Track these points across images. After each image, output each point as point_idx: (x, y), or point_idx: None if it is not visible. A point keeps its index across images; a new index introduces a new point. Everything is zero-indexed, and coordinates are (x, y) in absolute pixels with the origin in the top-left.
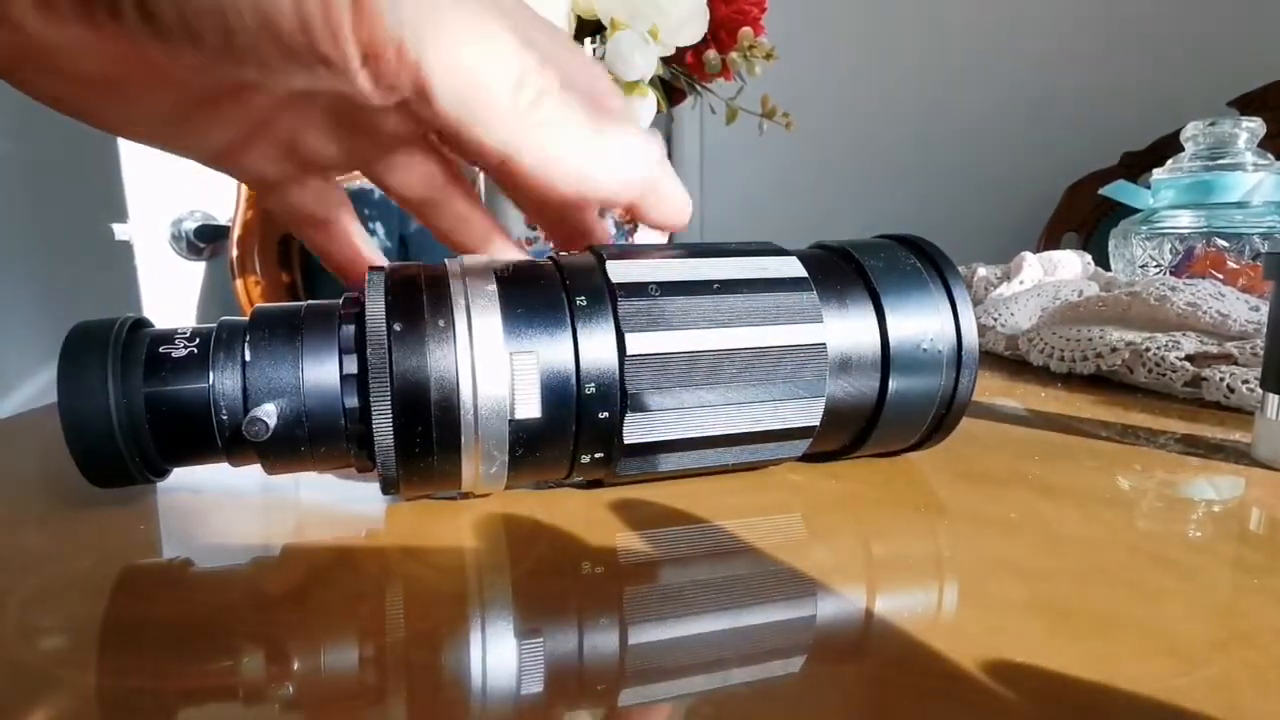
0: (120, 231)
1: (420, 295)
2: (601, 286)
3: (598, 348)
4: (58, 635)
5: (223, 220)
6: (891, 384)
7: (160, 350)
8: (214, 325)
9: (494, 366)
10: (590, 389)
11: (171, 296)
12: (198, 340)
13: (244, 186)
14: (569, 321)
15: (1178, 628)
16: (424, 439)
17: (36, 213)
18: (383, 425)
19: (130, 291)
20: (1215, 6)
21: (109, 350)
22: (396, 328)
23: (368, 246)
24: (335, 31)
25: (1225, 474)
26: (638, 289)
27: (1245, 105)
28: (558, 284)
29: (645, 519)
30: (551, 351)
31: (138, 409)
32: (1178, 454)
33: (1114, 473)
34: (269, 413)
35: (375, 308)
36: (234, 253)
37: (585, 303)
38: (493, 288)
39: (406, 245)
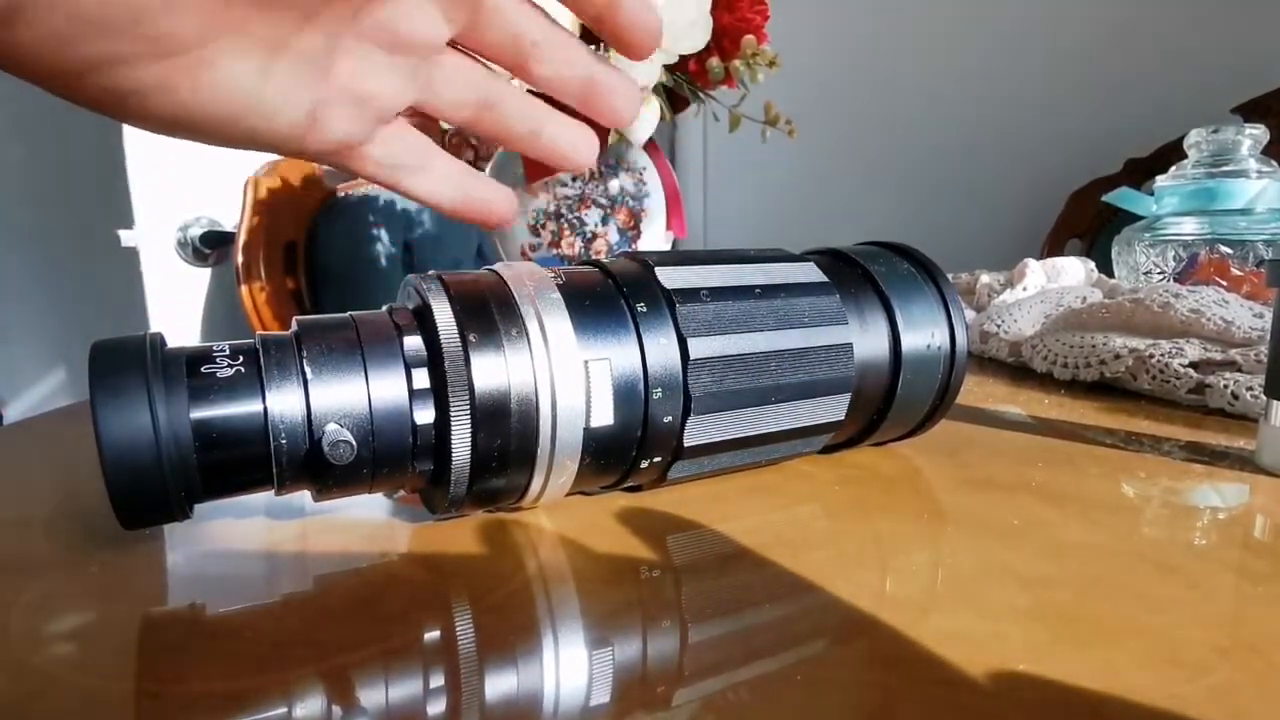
0: (126, 237)
1: (489, 303)
2: (657, 292)
3: (662, 352)
4: (64, 640)
5: (228, 226)
6: (902, 379)
7: (203, 370)
8: (252, 340)
9: (570, 375)
10: (657, 394)
11: (177, 303)
12: (241, 358)
13: (249, 192)
14: (633, 327)
15: (1181, 635)
16: (501, 453)
17: (43, 219)
18: (461, 441)
19: (136, 298)
20: (1218, 13)
21: (150, 374)
22: (472, 338)
23: (483, 181)
24: None
25: (1229, 481)
26: (691, 294)
27: (1249, 112)
28: (614, 290)
29: (675, 524)
30: (621, 357)
31: (185, 438)
32: (1181, 461)
33: (1117, 479)
34: (344, 433)
35: (445, 317)
36: (239, 259)
37: (645, 309)
38: (556, 294)
39: (412, 250)
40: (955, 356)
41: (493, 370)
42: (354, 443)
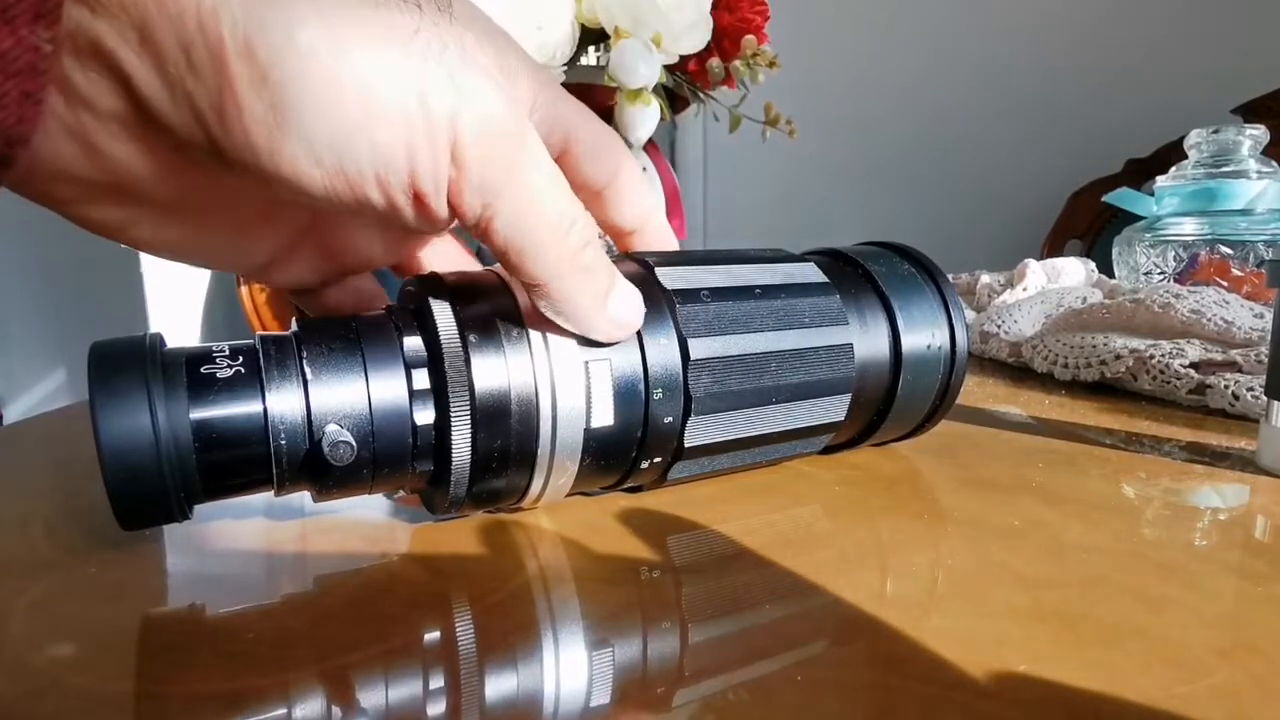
0: None
1: (489, 303)
2: (658, 292)
3: (662, 353)
4: (64, 640)
5: None
6: (902, 380)
7: (202, 371)
8: (252, 340)
9: (570, 375)
10: (658, 394)
11: (177, 302)
12: (241, 358)
13: None
14: None
15: (1182, 636)
16: (501, 454)
17: (42, 219)
18: (461, 442)
19: (136, 298)
20: (1219, 13)
21: (149, 375)
22: (472, 339)
23: None
24: (438, 186)
25: (1230, 482)
26: (691, 295)
27: (1249, 112)
28: None
29: (675, 525)
30: (621, 358)
31: (185, 439)
32: (1182, 461)
33: (1118, 480)
34: (344, 434)
35: (444, 318)
36: None
37: (646, 309)
38: None
39: None
40: (955, 357)
41: (493, 371)
42: (354, 443)
